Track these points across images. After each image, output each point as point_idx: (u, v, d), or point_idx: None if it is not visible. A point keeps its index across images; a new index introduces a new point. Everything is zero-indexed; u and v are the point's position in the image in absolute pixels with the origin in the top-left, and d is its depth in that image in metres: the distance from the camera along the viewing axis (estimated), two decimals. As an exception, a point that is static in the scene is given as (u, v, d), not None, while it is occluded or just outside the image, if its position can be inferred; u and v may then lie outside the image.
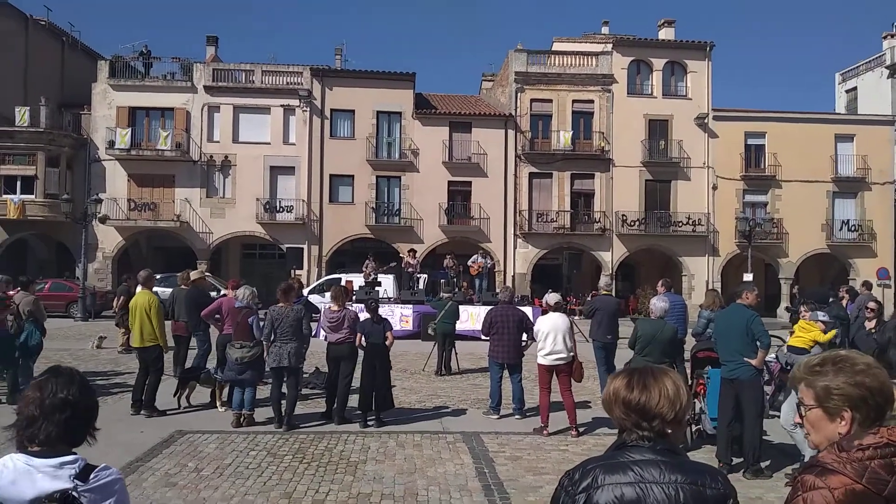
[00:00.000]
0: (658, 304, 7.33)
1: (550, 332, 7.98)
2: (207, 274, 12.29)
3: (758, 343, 6.44)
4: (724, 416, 6.59)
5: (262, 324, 8.14)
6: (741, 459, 6.60)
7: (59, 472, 1.83)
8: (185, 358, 11.18)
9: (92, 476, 1.86)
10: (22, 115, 27.79)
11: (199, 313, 9.85)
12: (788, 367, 7.45)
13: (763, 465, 6.60)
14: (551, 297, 8.62)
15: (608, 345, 9.77)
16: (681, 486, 1.75)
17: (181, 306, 11.03)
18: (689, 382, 7.49)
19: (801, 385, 1.83)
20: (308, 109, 29.97)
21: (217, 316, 9.52)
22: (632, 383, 1.91)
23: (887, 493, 1.59)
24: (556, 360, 7.96)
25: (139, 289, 9.38)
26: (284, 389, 8.15)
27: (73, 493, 1.81)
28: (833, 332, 8.25)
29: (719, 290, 18.62)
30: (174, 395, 8.96)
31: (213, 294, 16.03)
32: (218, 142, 29.76)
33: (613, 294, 12.86)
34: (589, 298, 12.54)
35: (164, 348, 8.73)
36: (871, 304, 9.09)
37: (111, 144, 28.82)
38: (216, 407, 8.93)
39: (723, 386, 6.68)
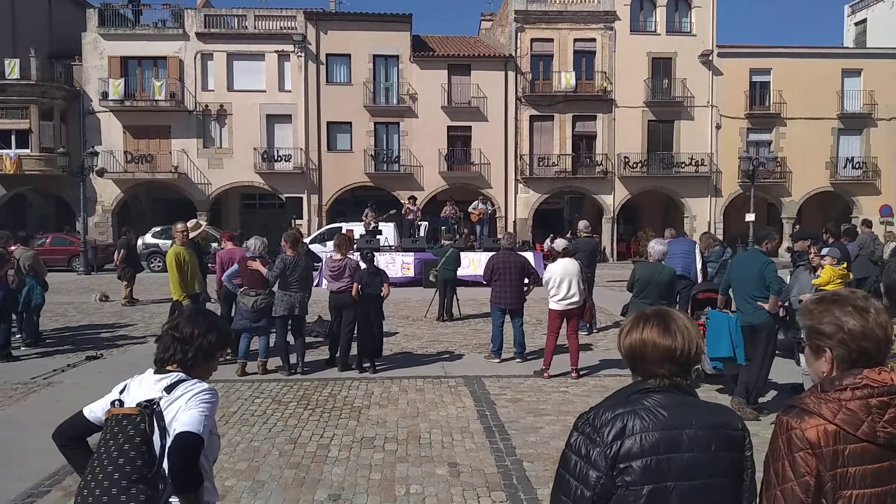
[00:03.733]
0: (656, 247, 7.31)
1: (564, 278, 7.95)
2: (202, 223, 12.21)
3: (769, 289, 6.43)
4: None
5: (268, 271, 8.22)
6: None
7: (158, 384, 2.23)
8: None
9: (175, 388, 2.20)
10: (12, 68, 27.25)
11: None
12: None
13: (761, 400, 6.73)
14: (558, 244, 8.59)
15: (587, 279, 10.73)
16: (711, 431, 1.72)
17: None
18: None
19: (802, 321, 1.87)
20: (303, 55, 29.33)
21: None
22: (671, 330, 1.80)
23: (861, 432, 1.62)
24: (570, 304, 7.98)
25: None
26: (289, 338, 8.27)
27: (157, 401, 2.16)
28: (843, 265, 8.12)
29: (712, 232, 18.88)
30: None
31: (214, 245, 16.07)
32: (213, 90, 29.25)
33: (618, 236, 12.84)
34: (569, 237, 12.73)
35: (182, 302, 8.49)
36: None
37: (104, 96, 28.34)
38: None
39: (744, 333, 6.65)
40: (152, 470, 2.09)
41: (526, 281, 8.87)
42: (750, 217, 26.89)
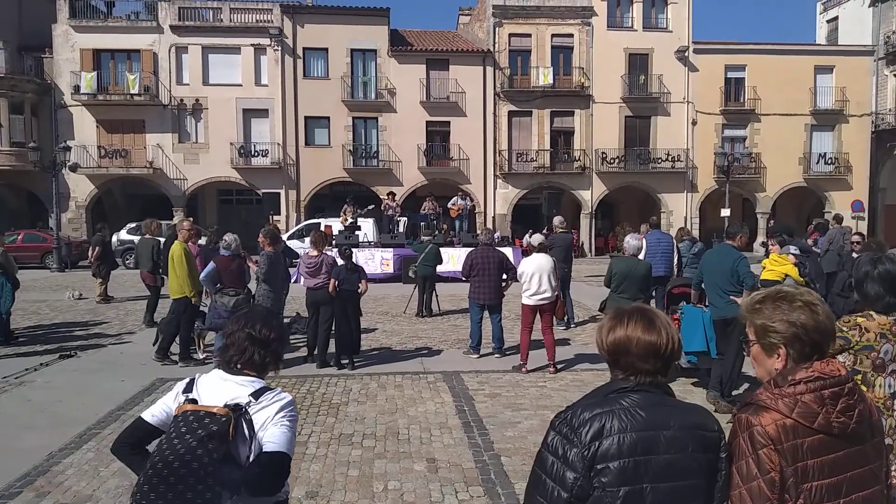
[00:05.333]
0: (631, 242, 7.39)
1: (535, 273, 7.99)
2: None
3: (742, 284, 6.50)
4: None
5: (257, 268, 8.17)
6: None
7: (241, 388, 2.21)
8: (156, 306, 11.29)
9: (262, 396, 2.20)
10: (-20, 60, 26.63)
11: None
12: None
13: (735, 393, 6.83)
14: (535, 238, 8.64)
15: (564, 275, 10.93)
16: (688, 433, 1.71)
17: (145, 256, 11.13)
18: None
19: (746, 322, 1.87)
20: (279, 48, 29.04)
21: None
22: (655, 326, 1.78)
23: (817, 424, 1.66)
24: (541, 300, 8.01)
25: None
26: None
27: (245, 406, 2.15)
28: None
29: (688, 227, 19.13)
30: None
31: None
32: (188, 84, 28.85)
33: (596, 231, 12.76)
34: (545, 233, 12.72)
35: (191, 299, 8.44)
36: (856, 238, 9.19)
37: (76, 89, 27.81)
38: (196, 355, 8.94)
39: (717, 328, 6.71)
40: (229, 474, 2.07)
41: (504, 276, 8.91)
42: (725, 212, 27.25)
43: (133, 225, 24.36)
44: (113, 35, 28.62)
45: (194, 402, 2.17)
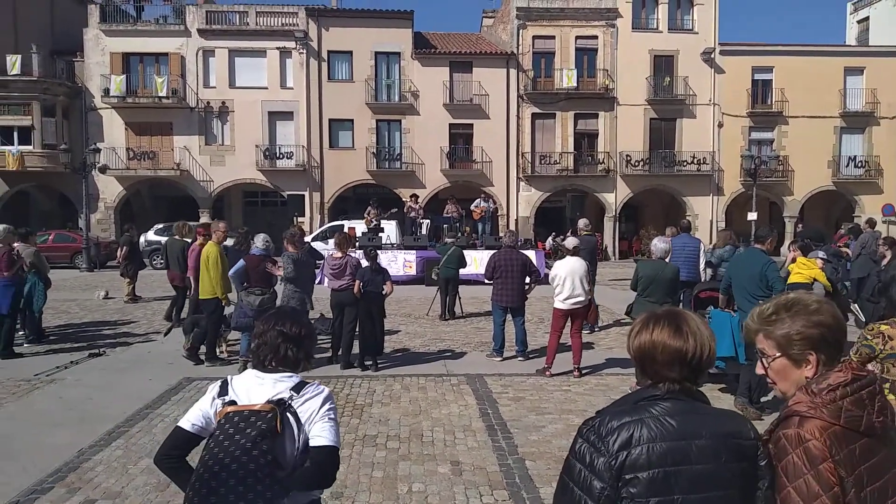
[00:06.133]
0: (659, 245, 7.31)
1: (568, 277, 7.91)
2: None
3: (771, 289, 6.38)
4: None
5: (284, 271, 8.24)
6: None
7: (280, 384, 2.25)
8: (182, 307, 11.43)
9: (303, 390, 2.25)
10: (13, 64, 27.23)
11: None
12: None
13: (764, 399, 6.72)
14: (569, 242, 8.58)
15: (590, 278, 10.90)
16: (721, 441, 1.64)
17: (175, 256, 11.30)
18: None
19: (758, 336, 1.78)
20: (304, 52, 29.29)
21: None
22: (682, 332, 1.72)
23: (864, 427, 1.60)
24: (575, 303, 7.93)
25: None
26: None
27: (289, 401, 2.20)
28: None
29: (731, 232, 18.77)
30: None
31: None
32: (214, 87, 29.22)
33: (620, 234, 12.57)
34: (567, 237, 12.62)
35: (222, 301, 8.53)
36: (881, 242, 9.03)
37: (106, 92, 28.33)
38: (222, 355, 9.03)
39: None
40: (284, 468, 2.12)
41: (527, 279, 8.87)
42: (752, 216, 26.85)
43: (160, 226, 24.74)
44: (142, 39, 29.12)
45: (233, 403, 2.20)
